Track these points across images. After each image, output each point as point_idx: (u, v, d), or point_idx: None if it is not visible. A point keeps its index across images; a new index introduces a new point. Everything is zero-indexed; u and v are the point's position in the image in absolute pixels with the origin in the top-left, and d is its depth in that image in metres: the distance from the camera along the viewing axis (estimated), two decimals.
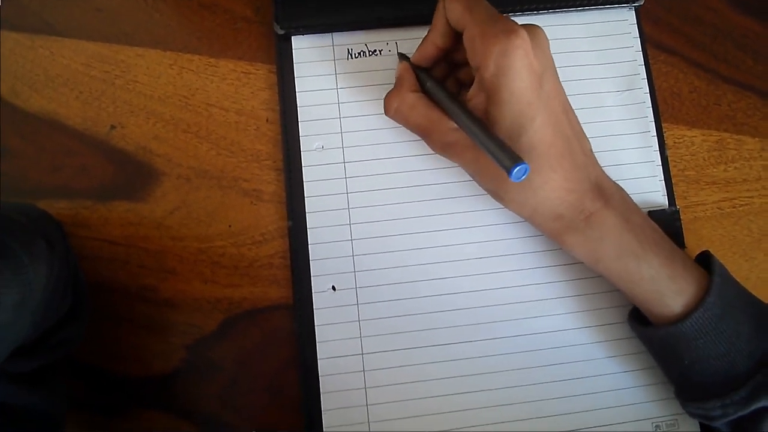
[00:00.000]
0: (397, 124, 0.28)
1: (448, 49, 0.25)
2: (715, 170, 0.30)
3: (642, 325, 0.25)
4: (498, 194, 0.24)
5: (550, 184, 0.23)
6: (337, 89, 0.29)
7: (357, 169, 0.28)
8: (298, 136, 0.28)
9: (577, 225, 0.23)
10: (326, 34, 0.29)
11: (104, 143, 0.29)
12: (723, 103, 0.31)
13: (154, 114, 0.29)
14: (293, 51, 0.29)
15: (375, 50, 0.29)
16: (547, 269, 0.28)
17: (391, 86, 0.28)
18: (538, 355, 0.27)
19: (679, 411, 0.26)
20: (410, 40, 0.29)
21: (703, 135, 0.30)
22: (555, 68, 0.23)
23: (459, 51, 0.26)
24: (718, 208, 0.30)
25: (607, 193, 0.24)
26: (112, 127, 0.29)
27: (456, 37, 0.25)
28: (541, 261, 0.28)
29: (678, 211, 0.28)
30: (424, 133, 0.25)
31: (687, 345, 0.23)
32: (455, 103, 0.24)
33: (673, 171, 0.29)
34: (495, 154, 0.21)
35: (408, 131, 0.27)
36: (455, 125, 0.24)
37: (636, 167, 0.29)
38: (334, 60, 0.29)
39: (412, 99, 0.25)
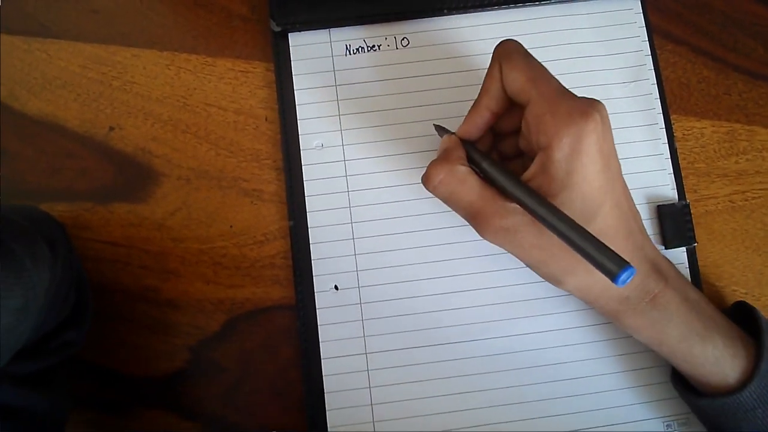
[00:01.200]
0: (398, 121, 0.28)
1: (500, 114, 0.23)
2: (726, 162, 0.29)
3: (694, 395, 0.24)
4: (560, 280, 0.23)
5: None
6: (336, 86, 0.28)
7: (357, 167, 0.28)
8: (298, 135, 0.28)
9: (643, 308, 0.22)
10: (323, 30, 0.28)
11: (103, 145, 0.29)
12: (733, 92, 0.30)
13: (152, 115, 0.29)
14: (290, 48, 0.28)
15: (374, 45, 0.29)
16: None
17: (392, 82, 0.28)
18: (546, 353, 0.26)
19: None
20: (410, 35, 0.29)
21: (713, 126, 0.30)
22: (615, 148, 0.22)
23: (502, 121, 0.24)
24: (730, 201, 0.29)
25: (664, 270, 0.23)
26: (111, 128, 0.29)
27: (508, 101, 0.23)
28: None
29: (688, 205, 0.28)
30: (476, 213, 0.22)
31: (745, 415, 0.22)
32: (525, 188, 0.21)
33: (682, 164, 0.29)
34: (595, 258, 0.19)
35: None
36: (514, 206, 0.21)
37: (644, 160, 0.28)
38: (332, 56, 0.28)
39: (462, 173, 0.22)
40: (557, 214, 0.20)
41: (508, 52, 0.22)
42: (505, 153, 0.25)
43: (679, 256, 0.27)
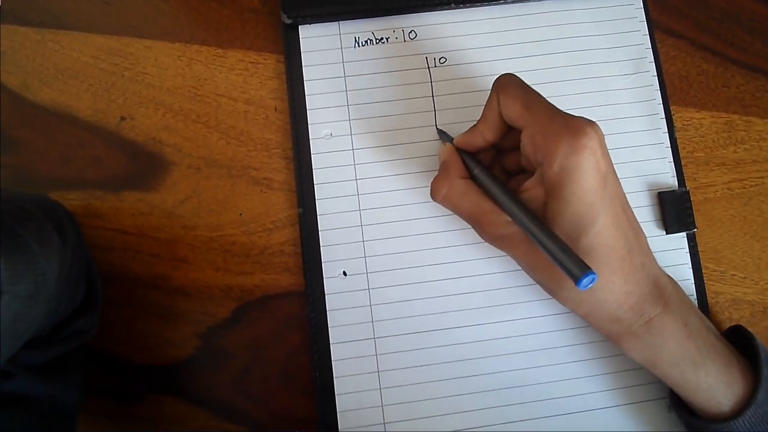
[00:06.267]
0: (406, 111, 0.29)
1: (495, 143, 0.25)
2: (724, 151, 0.30)
3: (691, 416, 0.24)
4: (552, 290, 0.23)
5: (609, 286, 0.22)
6: (345, 77, 0.29)
7: (365, 155, 0.28)
8: (307, 124, 0.28)
9: (636, 330, 0.22)
10: (333, 22, 0.29)
11: (115, 134, 0.29)
12: (731, 85, 0.31)
13: (164, 105, 0.29)
14: (300, 40, 0.29)
15: (381, 38, 0.29)
16: None
17: (398, 74, 0.29)
18: (549, 336, 0.27)
19: None
20: (417, 27, 0.29)
21: (712, 117, 0.30)
22: (614, 167, 0.22)
23: (505, 139, 0.25)
24: (728, 189, 0.30)
25: (665, 293, 0.23)
26: (122, 118, 0.29)
27: (505, 131, 0.24)
28: None
29: (688, 191, 0.28)
30: (474, 222, 0.24)
31: None
32: (510, 196, 0.23)
33: (682, 153, 0.29)
34: (560, 261, 0.20)
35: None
36: (507, 217, 0.23)
37: (645, 149, 0.29)
38: (341, 48, 0.29)
39: (462, 186, 0.24)
40: (525, 213, 0.22)
41: (504, 83, 0.23)
42: (508, 168, 0.26)
43: (679, 241, 0.28)
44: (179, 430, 0.27)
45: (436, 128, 0.28)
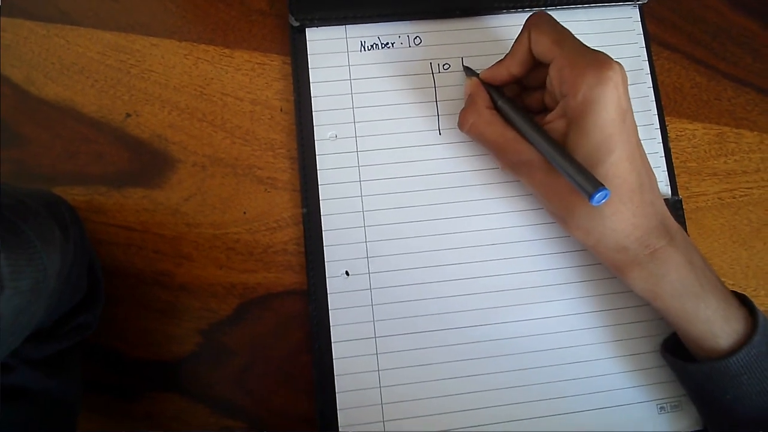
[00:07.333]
0: (409, 115, 0.29)
1: (520, 77, 0.26)
2: (715, 162, 0.31)
3: (683, 361, 0.25)
4: (564, 219, 0.25)
5: (618, 216, 0.23)
6: (350, 80, 0.29)
7: (370, 157, 0.29)
8: (312, 126, 0.29)
9: (641, 259, 0.23)
10: (340, 26, 0.30)
11: (120, 131, 0.29)
12: (723, 98, 0.32)
13: (170, 103, 0.29)
14: (307, 43, 0.29)
15: (387, 43, 0.30)
16: (554, 256, 0.28)
17: (402, 79, 0.29)
18: (545, 339, 0.28)
19: (683, 393, 0.27)
20: (422, 34, 0.30)
21: (704, 128, 0.31)
22: (632, 107, 0.24)
23: (530, 77, 0.27)
24: (719, 199, 0.31)
25: (671, 231, 0.24)
26: (128, 115, 0.29)
27: (531, 66, 0.26)
28: (548, 248, 0.28)
29: (681, 200, 0.29)
30: (498, 150, 0.26)
31: (731, 381, 0.23)
32: (532, 124, 0.24)
33: (675, 162, 0.30)
34: (575, 178, 0.22)
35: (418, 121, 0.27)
36: (529, 145, 0.25)
37: None
38: (347, 52, 0.30)
39: (488, 115, 0.26)
40: (545, 138, 0.23)
41: (537, 20, 0.25)
42: (531, 107, 0.27)
43: None
44: (179, 426, 0.27)
45: (462, 65, 0.29)
